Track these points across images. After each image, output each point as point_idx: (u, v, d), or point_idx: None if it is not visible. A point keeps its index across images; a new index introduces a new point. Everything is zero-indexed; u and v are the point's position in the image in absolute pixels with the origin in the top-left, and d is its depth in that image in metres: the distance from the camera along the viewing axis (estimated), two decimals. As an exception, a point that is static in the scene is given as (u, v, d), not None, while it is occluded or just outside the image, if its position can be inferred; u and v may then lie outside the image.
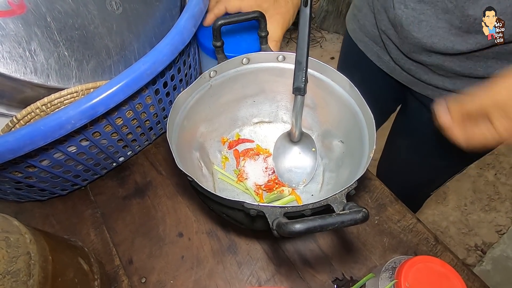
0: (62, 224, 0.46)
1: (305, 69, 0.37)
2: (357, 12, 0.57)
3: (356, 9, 0.58)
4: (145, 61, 0.36)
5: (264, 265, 0.42)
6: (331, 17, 1.94)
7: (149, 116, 0.45)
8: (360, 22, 0.57)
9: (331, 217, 0.23)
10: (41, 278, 0.25)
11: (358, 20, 0.57)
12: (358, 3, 0.57)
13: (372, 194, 0.48)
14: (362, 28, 0.57)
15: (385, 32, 0.50)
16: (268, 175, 0.47)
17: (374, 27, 0.54)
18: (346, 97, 0.40)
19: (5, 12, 0.28)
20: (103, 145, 0.42)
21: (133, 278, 0.41)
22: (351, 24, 0.60)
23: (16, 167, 0.35)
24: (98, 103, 0.33)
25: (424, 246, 0.43)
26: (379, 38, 0.53)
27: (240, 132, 0.50)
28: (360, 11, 0.56)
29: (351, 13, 0.61)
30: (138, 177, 0.50)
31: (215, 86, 0.42)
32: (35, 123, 0.30)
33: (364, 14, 0.55)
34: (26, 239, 0.26)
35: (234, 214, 0.33)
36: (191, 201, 0.47)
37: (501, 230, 1.24)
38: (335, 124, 0.44)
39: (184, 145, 0.40)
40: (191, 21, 0.39)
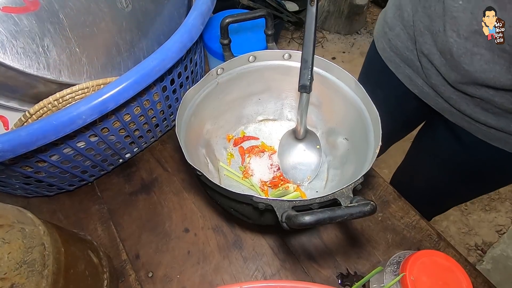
0: (69, 219, 0.46)
1: (311, 67, 0.38)
2: (388, 30, 0.52)
3: (387, 27, 0.53)
4: (154, 58, 0.36)
5: (270, 260, 0.42)
6: (332, 18, 1.94)
7: (156, 113, 0.45)
8: (391, 41, 0.52)
9: (340, 209, 0.24)
10: (54, 268, 0.25)
11: (390, 39, 0.53)
12: (390, 21, 0.52)
13: (375, 191, 0.48)
14: (393, 48, 0.52)
15: (427, 56, 0.45)
16: (273, 171, 0.47)
17: (408, 49, 0.49)
18: (352, 95, 0.41)
19: (20, 8, 0.29)
20: (111, 141, 0.42)
21: (140, 273, 0.41)
22: (381, 42, 0.56)
23: (27, 162, 0.36)
24: (108, 99, 0.33)
25: (427, 242, 0.44)
26: (415, 61, 0.49)
27: (245, 130, 0.51)
28: (391, 30, 0.52)
29: (381, 30, 0.56)
30: (144, 174, 0.50)
31: (222, 84, 0.43)
32: (47, 118, 0.31)
33: (396, 34, 0.51)
34: (40, 230, 0.26)
35: (242, 209, 0.34)
36: (196, 197, 0.48)
37: (501, 229, 1.24)
38: (340, 122, 0.45)
39: (191, 142, 0.41)
40: (199, 19, 0.40)
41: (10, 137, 0.29)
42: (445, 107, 0.49)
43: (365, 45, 1.95)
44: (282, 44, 1.90)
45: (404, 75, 0.53)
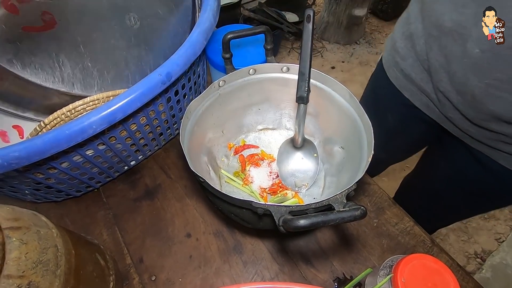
0: (76, 224, 0.48)
1: (307, 80, 0.40)
2: (400, 60, 0.51)
3: (399, 56, 0.51)
4: (160, 71, 0.39)
5: (268, 265, 0.44)
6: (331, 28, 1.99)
7: (160, 122, 0.48)
8: (404, 71, 0.50)
9: (333, 213, 0.25)
10: (66, 269, 0.27)
11: (402, 69, 0.51)
12: (401, 51, 0.50)
13: (371, 198, 0.50)
14: (407, 77, 0.51)
15: (444, 93, 0.44)
16: (272, 179, 0.49)
17: (423, 81, 0.48)
18: (346, 106, 0.43)
19: (39, 27, 0.31)
20: (117, 149, 0.45)
21: (143, 276, 0.43)
22: (393, 71, 0.54)
23: (39, 169, 0.38)
24: (117, 110, 0.36)
25: (420, 248, 0.45)
26: (431, 94, 0.47)
27: (245, 138, 0.53)
28: (404, 60, 0.50)
29: (391, 59, 0.54)
30: (148, 180, 0.52)
31: (224, 95, 0.45)
32: (61, 128, 0.33)
33: (409, 64, 0.49)
34: (53, 233, 0.28)
35: (241, 214, 0.35)
36: (198, 203, 0.50)
37: (500, 238, 1.25)
38: (336, 131, 0.47)
39: (193, 150, 0.43)
40: (203, 35, 0.42)
41: (27, 145, 0.31)
42: (465, 136, 0.47)
43: (363, 55, 1.98)
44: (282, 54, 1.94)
45: (422, 103, 0.51)
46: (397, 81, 0.54)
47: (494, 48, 0.35)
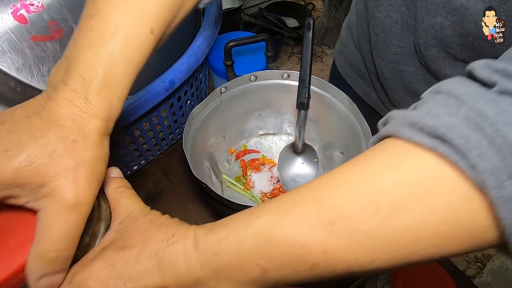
0: (79, 228, 0.48)
1: (308, 86, 0.41)
2: (344, 48, 0.57)
3: (343, 45, 0.57)
4: (164, 78, 0.40)
5: (270, 269, 0.44)
6: (331, 33, 2.01)
7: (163, 127, 0.48)
8: (347, 58, 0.56)
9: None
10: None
11: (345, 56, 0.57)
12: (344, 39, 0.56)
13: (371, 202, 0.51)
14: (349, 64, 0.56)
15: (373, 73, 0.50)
16: (273, 183, 0.50)
17: (361, 65, 0.53)
18: (346, 112, 0.44)
19: (46, 37, 0.32)
20: (120, 154, 0.45)
21: (146, 280, 0.43)
22: (339, 59, 0.60)
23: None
24: (121, 116, 0.37)
25: (420, 252, 0.45)
26: (367, 77, 0.53)
27: (246, 143, 0.54)
28: (346, 47, 0.56)
29: (338, 48, 0.60)
30: (151, 185, 0.53)
31: (225, 101, 0.46)
32: (66, 134, 0.34)
33: (350, 51, 0.55)
34: None
35: (243, 218, 0.36)
36: (200, 208, 0.50)
37: (501, 242, 1.25)
38: (336, 137, 0.48)
39: (196, 155, 0.44)
40: (205, 43, 0.43)
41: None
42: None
43: (363, 60, 2.00)
44: (282, 58, 1.95)
45: (361, 89, 0.57)
46: (342, 68, 0.59)
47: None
